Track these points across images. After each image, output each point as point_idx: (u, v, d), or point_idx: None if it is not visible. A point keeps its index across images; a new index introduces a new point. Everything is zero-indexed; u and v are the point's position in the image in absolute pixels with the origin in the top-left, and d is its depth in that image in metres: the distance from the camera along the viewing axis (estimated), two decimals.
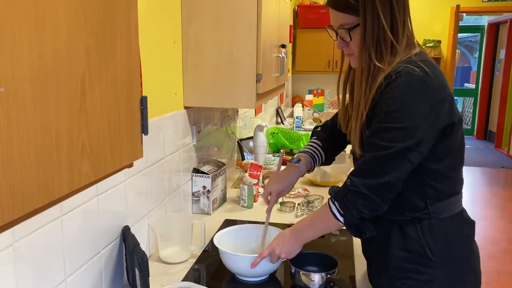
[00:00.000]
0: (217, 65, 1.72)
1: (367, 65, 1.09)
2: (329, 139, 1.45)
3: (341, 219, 1.12)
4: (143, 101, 0.69)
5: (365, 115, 1.11)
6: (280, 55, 2.08)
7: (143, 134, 0.70)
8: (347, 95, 1.27)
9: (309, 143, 1.49)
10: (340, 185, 1.14)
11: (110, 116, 0.60)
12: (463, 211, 1.19)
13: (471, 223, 1.20)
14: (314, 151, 1.45)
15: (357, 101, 1.14)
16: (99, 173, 0.58)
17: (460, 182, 1.19)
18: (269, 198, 1.41)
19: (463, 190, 1.21)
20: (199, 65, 1.73)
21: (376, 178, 1.05)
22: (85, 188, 0.57)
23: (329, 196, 1.16)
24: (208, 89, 1.75)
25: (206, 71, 1.73)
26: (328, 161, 1.49)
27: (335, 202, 1.12)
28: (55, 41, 0.48)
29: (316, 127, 1.52)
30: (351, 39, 1.12)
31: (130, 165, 0.69)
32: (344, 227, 1.15)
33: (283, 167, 1.48)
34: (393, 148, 1.03)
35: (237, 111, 2.65)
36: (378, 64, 1.07)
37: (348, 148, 1.45)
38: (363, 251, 1.35)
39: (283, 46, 2.17)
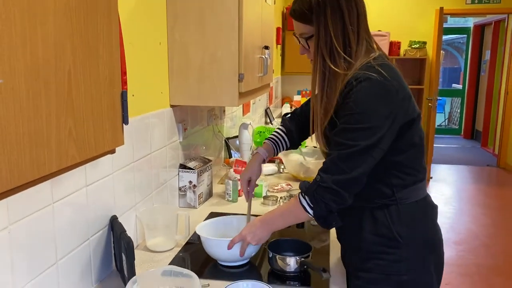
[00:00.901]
0: (201, 66, 1.81)
1: (321, 70, 1.22)
2: (295, 126, 1.59)
3: (310, 211, 1.22)
4: (124, 95, 0.79)
5: (328, 117, 1.22)
6: (263, 56, 2.18)
7: (124, 124, 0.80)
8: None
9: (274, 132, 1.64)
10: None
11: (94, 107, 0.70)
12: (426, 196, 1.31)
13: (434, 207, 1.32)
14: (278, 138, 1.60)
15: (316, 105, 1.26)
16: (83, 155, 0.68)
17: (423, 170, 1.29)
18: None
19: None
20: (184, 65, 1.83)
21: (343, 174, 1.15)
22: (72, 168, 0.67)
23: (300, 190, 1.26)
24: (193, 88, 1.84)
25: (191, 71, 1.83)
26: (294, 145, 1.64)
27: (306, 196, 1.22)
28: (44, 40, 0.58)
29: (285, 114, 1.66)
30: (309, 47, 1.24)
31: (113, 151, 0.79)
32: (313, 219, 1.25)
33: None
34: (357, 147, 1.13)
35: (224, 110, 2.75)
36: (332, 67, 1.18)
37: None
38: (337, 237, 1.46)
39: (267, 47, 2.27)
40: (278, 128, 1.64)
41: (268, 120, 4.35)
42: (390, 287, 1.24)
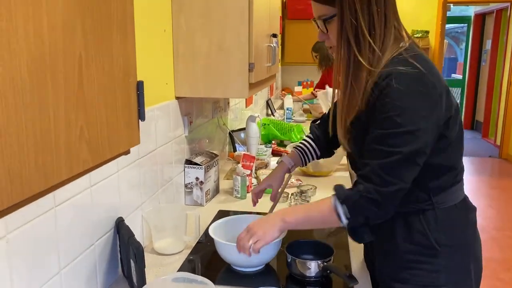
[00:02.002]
0: (208, 55, 1.70)
1: (346, 57, 1.08)
2: (325, 133, 1.45)
3: (344, 221, 1.07)
4: (140, 86, 0.67)
5: (352, 114, 1.10)
6: (272, 45, 2.07)
7: (139, 120, 0.69)
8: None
9: (302, 140, 1.51)
10: (338, 181, 1.12)
11: (107, 100, 0.59)
12: (465, 198, 1.19)
13: (474, 209, 1.20)
14: (305, 146, 1.47)
15: (340, 98, 1.13)
16: (97, 159, 0.57)
17: (461, 170, 1.18)
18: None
19: None
20: (190, 54, 1.71)
21: (389, 186, 1.02)
22: (83, 174, 0.56)
23: (335, 197, 1.09)
24: (200, 79, 1.73)
25: (197, 60, 1.71)
26: (326, 154, 1.50)
27: (343, 204, 1.07)
28: (51, 19, 0.46)
29: (314, 121, 1.53)
30: (327, 31, 1.12)
31: (127, 152, 0.68)
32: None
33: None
34: (399, 154, 1.00)
35: (228, 102, 2.63)
36: (358, 56, 1.05)
37: None
38: (364, 244, 1.36)
39: (274, 35, 2.15)
40: (307, 136, 1.51)
41: (270, 112, 4.24)
42: None
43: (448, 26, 9.90)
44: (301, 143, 1.50)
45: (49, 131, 0.47)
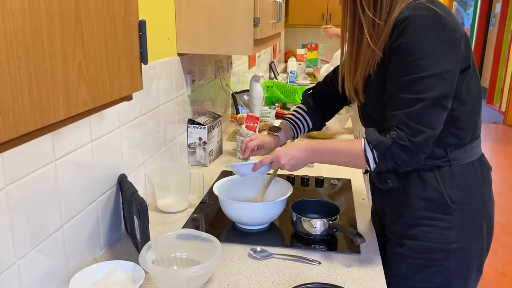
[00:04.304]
0: (212, 8, 1.62)
1: (352, 13, 1.05)
2: (319, 103, 1.38)
3: (372, 166, 1.05)
4: (142, 25, 0.62)
5: (365, 71, 1.06)
6: (277, 0, 1.99)
7: (142, 64, 0.64)
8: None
9: (294, 110, 1.42)
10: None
11: (108, 38, 0.54)
12: (482, 156, 1.16)
13: (489, 168, 1.17)
14: (298, 118, 1.39)
15: (348, 51, 1.09)
16: (97, 100, 0.53)
17: (479, 126, 1.14)
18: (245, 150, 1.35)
19: None
20: (192, 7, 1.64)
21: (419, 135, 0.98)
22: (83, 116, 0.52)
23: (366, 141, 1.06)
24: (203, 35, 1.66)
25: (200, 14, 1.64)
26: (317, 127, 1.42)
27: (374, 150, 1.04)
28: None
29: (307, 90, 1.43)
30: None
31: (130, 98, 0.64)
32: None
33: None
34: (426, 100, 0.96)
35: (231, 63, 2.57)
36: (367, 11, 1.01)
37: None
38: (374, 200, 1.33)
39: None
40: (298, 107, 1.42)
41: (273, 75, 4.16)
42: (436, 255, 1.11)
43: None
44: (292, 115, 1.41)
45: (44, 63, 0.43)
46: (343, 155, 1.13)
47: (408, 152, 1.00)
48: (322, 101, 1.38)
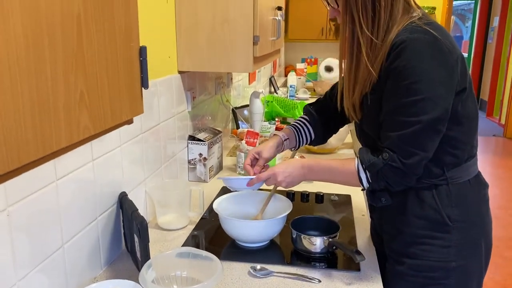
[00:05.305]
0: (212, 27, 1.65)
1: (351, 32, 1.05)
2: (321, 117, 1.37)
3: (365, 185, 1.08)
4: (143, 51, 0.64)
5: (362, 84, 1.07)
6: (277, 18, 2.01)
7: (143, 88, 0.66)
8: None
9: (297, 119, 1.41)
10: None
11: (109, 65, 0.55)
12: (478, 174, 1.17)
13: (486, 186, 1.18)
14: (301, 126, 1.38)
15: (347, 69, 1.11)
16: (98, 126, 0.54)
17: (476, 145, 1.16)
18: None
19: None
20: (193, 26, 1.66)
21: (412, 157, 1.00)
22: (84, 142, 0.53)
23: (359, 161, 1.08)
24: (203, 52, 1.68)
25: (200, 32, 1.66)
26: (319, 139, 1.39)
27: (367, 171, 1.06)
28: None
29: (309, 104, 1.42)
30: (338, 5, 1.07)
31: (130, 122, 0.65)
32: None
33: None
34: (420, 123, 0.98)
35: (231, 78, 2.59)
36: (365, 30, 1.02)
37: None
38: (372, 217, 1.33)
39: (279, 8, 2.09)
40: (301, 117, 1.41)
41: (273, 89, 4.18)
42: (436, 274, 1.11)
43: (455, 3, 9.74)
44: (296, 122, 1.40)
45: (46, 93, 0.44)
46: (337, 174, 1.14)
47: (400, 174, 1.02)
48: (324, 115, 1.38)
